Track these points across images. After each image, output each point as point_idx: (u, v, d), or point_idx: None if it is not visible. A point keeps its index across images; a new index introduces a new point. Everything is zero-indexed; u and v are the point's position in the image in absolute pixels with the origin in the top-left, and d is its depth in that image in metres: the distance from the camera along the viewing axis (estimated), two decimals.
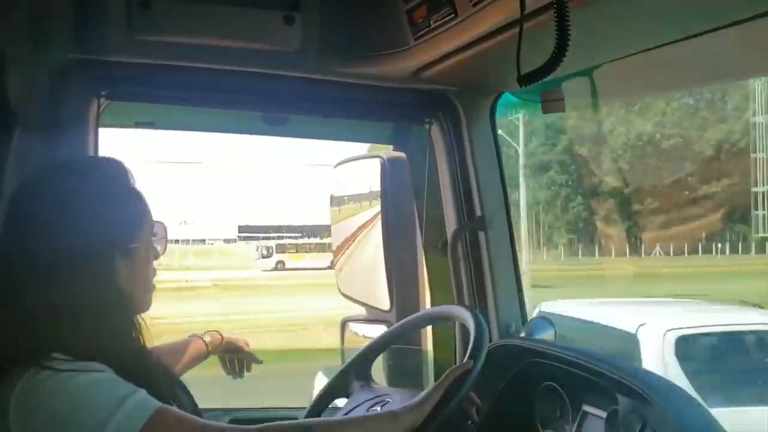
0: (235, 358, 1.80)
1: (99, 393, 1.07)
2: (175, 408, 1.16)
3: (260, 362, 1.82)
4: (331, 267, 3.36)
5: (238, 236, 40.61)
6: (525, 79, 1.20)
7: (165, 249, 1.44)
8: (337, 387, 1.71)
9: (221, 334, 1.79)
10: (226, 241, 39.97)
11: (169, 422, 1.09)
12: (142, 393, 1.09)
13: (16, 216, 1.19)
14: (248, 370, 1.82)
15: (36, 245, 1.15)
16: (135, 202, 1.27)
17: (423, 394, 1.29)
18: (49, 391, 1.06)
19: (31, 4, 1.60)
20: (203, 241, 39.01)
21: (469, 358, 1.35)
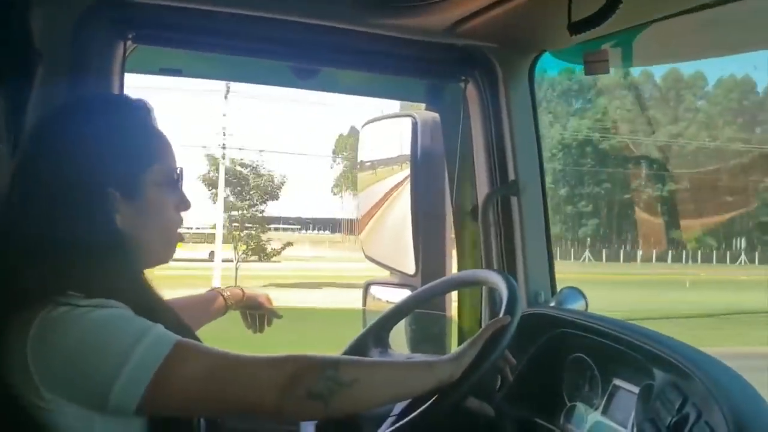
0: (256, 313, 1.77)
1: (118, 327, 1.04)
2: (194, 341, 1.12)
3: (280, 317, 1.79)
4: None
5: None
6: (576, 27, 1.12)
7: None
8: (354, 352, 1.65)
9: (242, 289, 1.75)
10: None
11: (189, 353, 1.06)
12: (160, 327, 1.06)
13: (25, 152, 1.17)
14: (269, 324, 1.79)
15: (38, 180, 1.12)
16: (146, 142, 1.20)
17: (459, 348, 1.24)
18: (68, 326, 1.03)
19: None
20: None
21: (506, 314, 1.29)
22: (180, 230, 1.27)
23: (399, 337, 1.95)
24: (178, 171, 1.23)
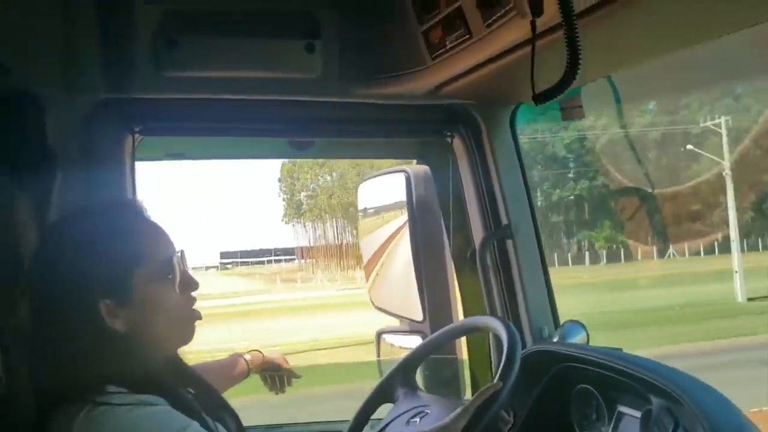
0: (276, 375, 1.86)
1: (156, 427, 1.12)
2: None
3: (299, 377, 1.88)
4: None
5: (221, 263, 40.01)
6: (540, 98, 1.24)
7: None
8: (383, 393, 1.76)
9: (261, 353, 1.84)
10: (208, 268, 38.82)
11: None
12: (195, 426, 1.14)
13: (32, 260, 1.28)
14: (289, 385, 1.88)
15: (38, 291, 1.22)
16: (126, 248, 1.24)
17: (452, 414, 1.33)
18: (106, 428, 1.10)
19: (61, 48, 1.67)
20: None
21: (499, 379, 1.39)
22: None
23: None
24: (175, 259, 1.27)
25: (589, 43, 1.22)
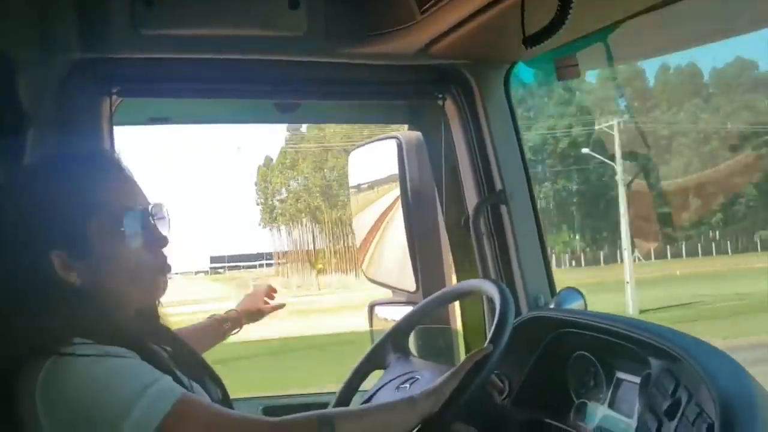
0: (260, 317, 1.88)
1: (119, 381, 1.06)
2: (198, 397, 1.16)
3: (284, 306, 1.92)
4: None
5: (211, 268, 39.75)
6: (530, 41, 1.18)
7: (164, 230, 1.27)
8: (374, 358, 1.72)
9: (236, 310, 1.86)
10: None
11: (192, 411, 1.08)
12: (166, 380, 1.09)
13: None
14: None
15: None
16: (81, 199, 1.18)
17: (441, 379, 1.28)
18: (70, 379, 1.06)
19: (35, 7, 1.60)
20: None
21: (489, 342, 1.33)
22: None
23: None
24: (135, 213, 1.21)
25: None
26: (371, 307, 2.38)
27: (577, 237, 32.88)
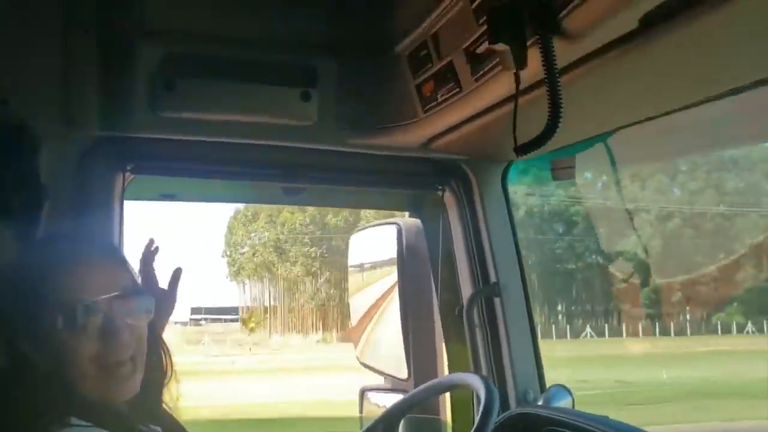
0: None
1: None
2: None
3: None
4: None
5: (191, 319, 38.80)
6: (521, 150, 1.25)
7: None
8: None
9: None
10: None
11: None
12: None
13: None
14: None
15: None
16: (42, 283, 1.19)
17: None
18: None
19: (60, 84, 1.69)
20: None
21: (480, 422, 1.34)
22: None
23: None
24: (91, 305, 1.18)
25: (574, 100, 1.23)
26: (362, 392, 2.38)
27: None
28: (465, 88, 1.52)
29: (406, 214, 2.39)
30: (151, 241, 1.55)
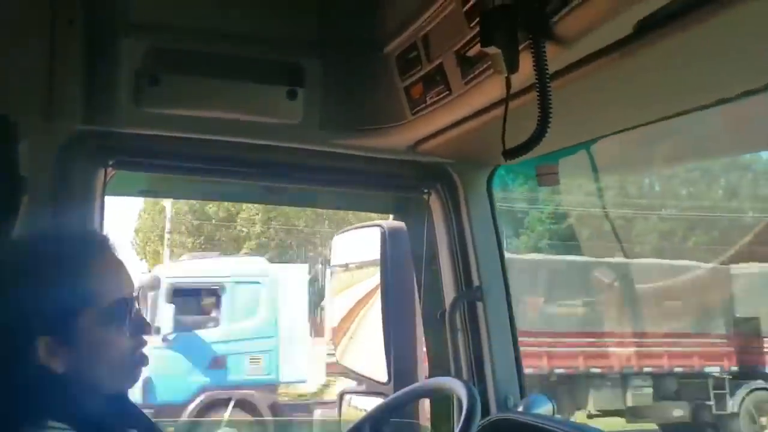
0: None
1: None
2: None
3: None
4: None
5: None
6: (509, 154, 1.25)
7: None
8: None
9: None
10: None
11: None
12: None
13: None
14: None
15: None
16: (80, 281, 1.17)
17: None
18: None
19: (42, 76, 1.66)
20: None
21: (462, 426, 1.34)
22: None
23: None
24: (127, 302, 1.21)
25: (564, 105, 1.23)
26: (341, 396, 2.36)
27: None
28: (455, 91, 1.51)
29: (390, 216, 2.38)
30: None
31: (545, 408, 1.86)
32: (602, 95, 1.39)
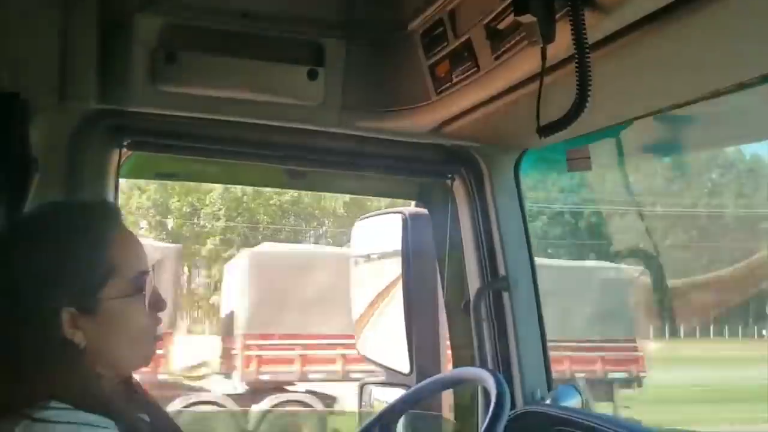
0: None
1: None
2: None
3: None
4: None
5: None
6: (544, 131, 1.17)
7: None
8: None
9: None
10: None
11: None
12: None
13: None
14: None
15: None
16: (102, 258, 1.15)
17: None
18: None
19: (56, 53, 1.61)
20: None
21: (492, 416, 1.27)
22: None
23: None
24: (147, 275, 1.18)
25: (600, 81, 1.15)
26: (362, 387, 2.30)
27: None
28: (483, 67, 1.43)
29: (412, 203, 2.30)
30: None
31: (574, 401, 1.79)
32: (645, 69, 1.30)
